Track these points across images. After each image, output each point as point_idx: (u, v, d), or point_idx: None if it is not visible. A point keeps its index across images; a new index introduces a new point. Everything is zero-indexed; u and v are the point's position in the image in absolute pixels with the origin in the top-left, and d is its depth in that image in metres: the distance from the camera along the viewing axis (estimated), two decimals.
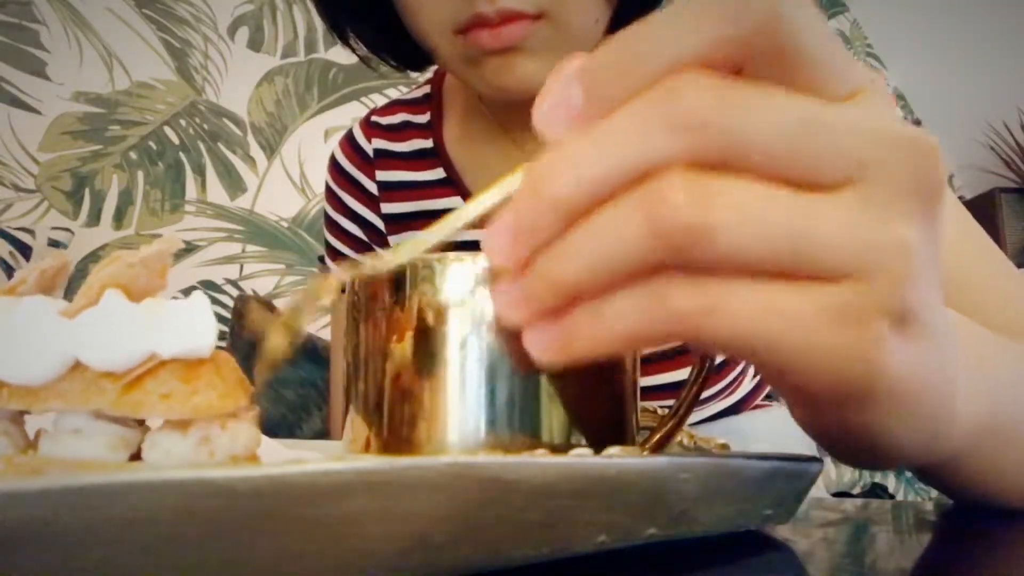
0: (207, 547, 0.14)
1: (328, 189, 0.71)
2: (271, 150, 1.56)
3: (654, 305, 0.16)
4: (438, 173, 0.64)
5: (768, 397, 0.74)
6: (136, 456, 0.20)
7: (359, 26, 0.59)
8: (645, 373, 0.58)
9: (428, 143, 0.65)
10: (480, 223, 0.20)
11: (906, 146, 0.17)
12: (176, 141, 1.51)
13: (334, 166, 0.71)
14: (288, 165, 1.57)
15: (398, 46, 0.59)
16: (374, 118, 0.70)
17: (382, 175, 0.67)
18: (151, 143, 1.49)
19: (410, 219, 0.66)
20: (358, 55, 0.62)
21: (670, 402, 0.31)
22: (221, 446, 0.19)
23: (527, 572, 0.20)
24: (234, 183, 1.53)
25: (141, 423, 0.20)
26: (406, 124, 0.68)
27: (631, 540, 0.22)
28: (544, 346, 0.18)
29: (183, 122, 1.52)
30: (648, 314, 0.16)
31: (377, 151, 0.67)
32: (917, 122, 1.94)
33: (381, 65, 0.63)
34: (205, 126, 1.53)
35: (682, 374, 0.58)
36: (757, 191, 0.16)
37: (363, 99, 1.62)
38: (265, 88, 1.57)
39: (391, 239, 0.68)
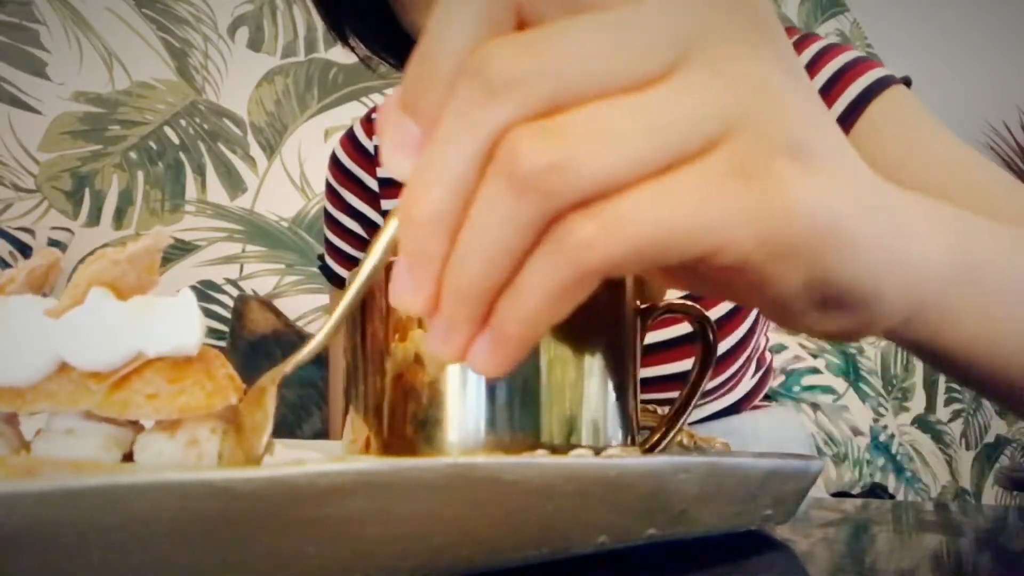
0: (207, 547, 0.14)
1: (328, 187, 0.72)
2: (271, 150, 1.56)
3: (558, 254, 0.16)
4: None
5: (767, 397, 0.74)
6: (128, 456, 0.20)
7: (358, 26, 0.59)
8: (648, 364, 0.58)
9: None
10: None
11: (719, 2, 0.17)
12: (176, 141, 1.51)
13: (335, 164, 0.71)
14: (288, 165, 1.57)
15: (398, 45, 0.59)
16: (375, 116, 0.70)
17: (383, 172, 0.68)
18: (151, 143, 1.49)
19: None
20: (358, 55, 0.62)
21: (672, 394, 0.31)
22: (209, 449, 0.19)
23: (527, 572, 0.20)
24: (234, 183, 1.53)
25: (134, 422, 0.20)
26: None
27: (631, 540, 0.22)
28: (486, 358, 0.18)
29: (183, 122, 1.52)
30: (558, 266, 0.16)
31: (378, 148, 0.68)
32: None
33: (381, 65, 0.63)
34: (205, 126, 1.53)
35: (685, 364, 0.58)
36: (598, 109, 0.16)
37: (363, 99, 1.62)
38: (265, 88, 1.57)
39: None
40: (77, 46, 1.46)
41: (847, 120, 0.55)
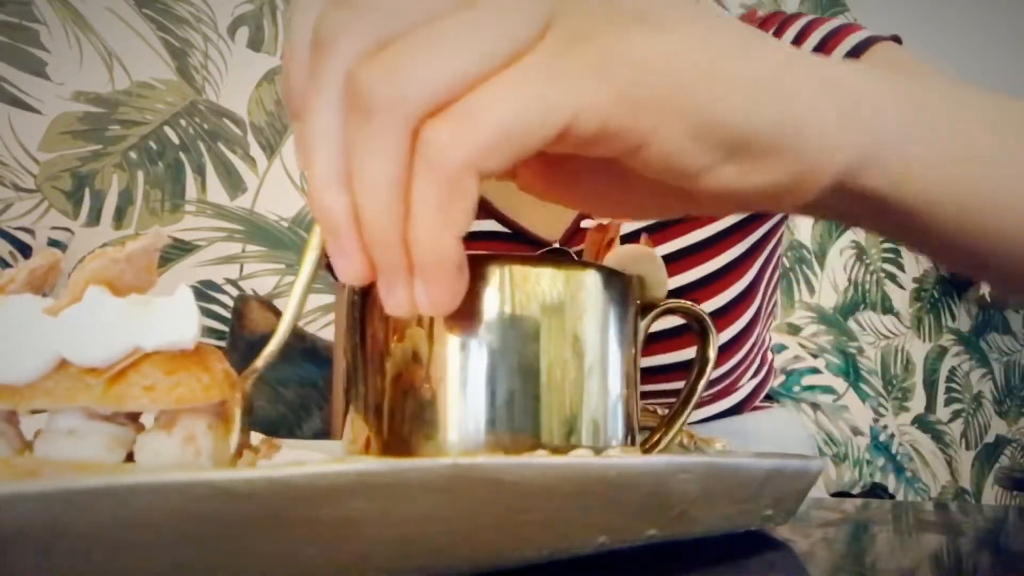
0: (207, 547, 0.14)
1: None
2: (271, 150, 1.56)
3: (427, 166, 0.17)
4: None
5: (769, 398, 0.74)
6: (131, 457, 0.20)
7: None
8: (651, 353, 0.58)
9: None
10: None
11: None
12: (176, 141, 1.51)
13: None
14: (288, 165, 1.57)
15: None
16: None
17: None
18: (151, 143, 1.49)
19: None
20: None
21: (673, 384, 0.31)
22: (206, 445, 0.19)
23: (527, 572, 0.20)
24: (234, 183, 1.53)
25: (135, 422, 0.20)
26: None
27: (631, 540, 0.22)
28: (429, 299, 0.18)
29: (183, 122, 1.52)
30: (430, 177, 0.17)
31: None
32: None
33: None
34: (205, 126, 1.53)
35: (688, 354, 0.58)
36: (424, 26, 0.16)
37: None
38: (265, 88, 1.57)
39: None
40: (77, 46, 1.46)
41: None
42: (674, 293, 0.57)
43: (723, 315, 0.60)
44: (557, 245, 0.61)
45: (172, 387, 0.19)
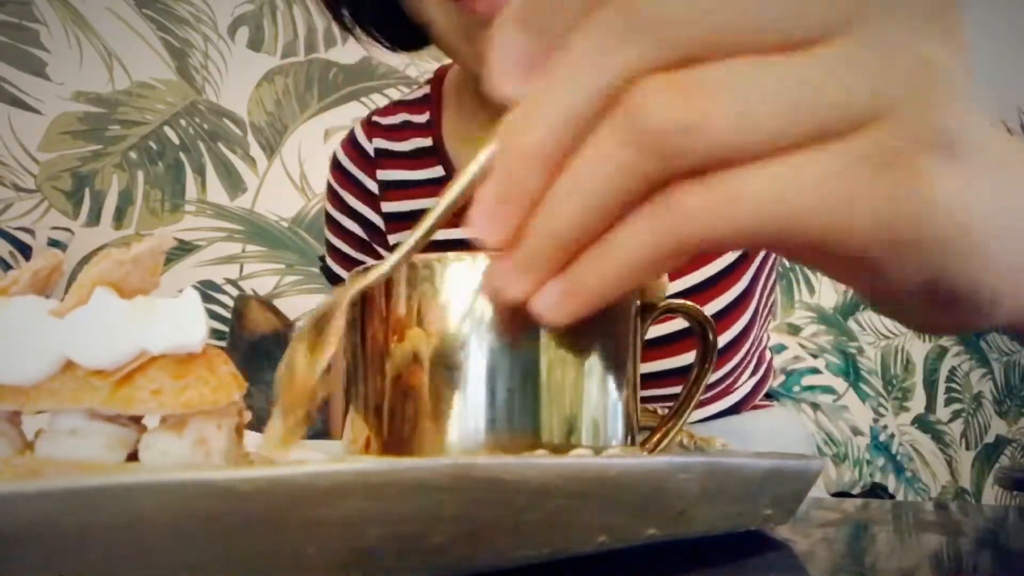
0: (207, 547, 0.14)
1: (330, 188, 0.72)
2: (271, 150, 1.56)
3: (663, 219, 0.15)
4: (437, 171, 0.64)
5: (769, 397, 0.74)
6: (133, 457, 0.20)
7: (355, 5, 0.59)
8: (649, 359, 0.58)
9: (428, 142, 0.66)
10: (461, 210, 0.19)
11: None
12: (176, 141, 1.51)
13: (336, 166, 0.71)
14: (288, 165, 1.57)
15: (394, 25, 0.59)
16: (375, 118, 0.70)
17: (383, 174, 0.68)
18: (151, 143, 1.49)
19: (411, 218, 0.66)
20: (357, 39, 0.61)
21: (673, 389, 0.31)
22: (217, 446, 0.19)
23: (527, 572, 0.20)
24: (234, 183, 1.53)
25: (137, 422, 0.20)
26: (406, 124, 0.68)
27: (631, 540, 0.22)
28: (554, 303, 0.17)
29: (183, 122, 1.52)
30: (659, 231, 0.15)
31: (378, 150, 0.68)
32: None
33: (378, 68, 0.63)
34: (205, 126, 1.53)
35: (686, 359, 0.58)
36: (740, 69, 0.15)
37: (363, 99, 1.62)
38: (265, 88, 1.57)
39: (391, 238, 0.68)
40: (77, 46, 1.46)
41: None
42: (671, 298, 0.57)
43: (721, 318, 0.60)
44: None
45: (180, 391, 0.19)
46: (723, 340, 0.61)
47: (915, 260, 0.16)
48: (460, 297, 0.26)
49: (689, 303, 0.31)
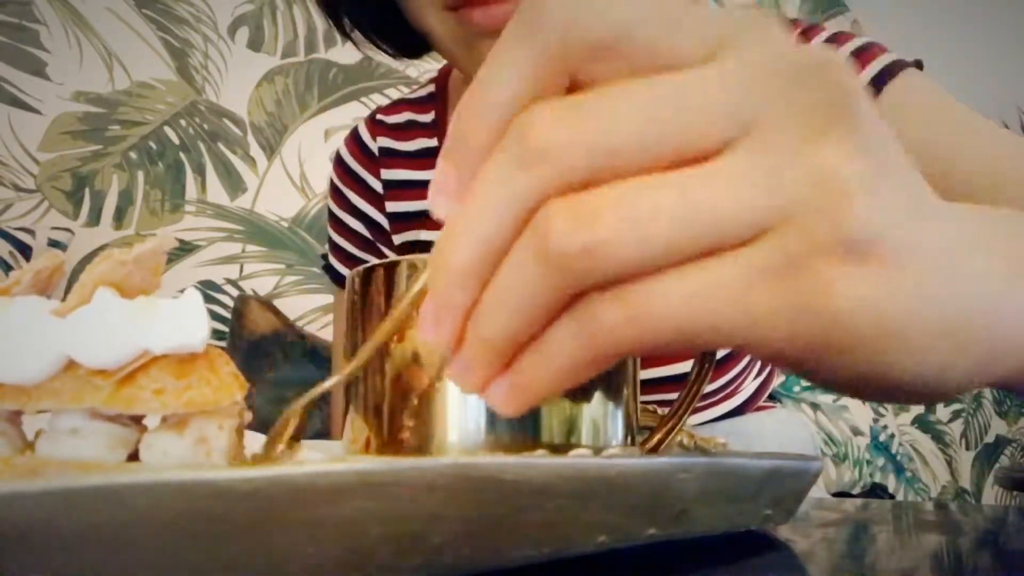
0: (207, 547, 0.14)
1: (333, 187, 0.72)
2: (271, 150, 1.56)
3: (584, 328, 0.16)
4: None
5: (772, 398, 0.74)
6: (133, 456, 0.20)
7: (355, 12, 0.59)
8: (648, 365, 0.58)
9: (433, 142, 0.66)
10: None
11: (793, 76, 0.15)
12: (176, 141, 1.51)
13: (340, 164, 0.71)
14: (288, 165, 1.57)
15: (394, 32, 0.59)
16: (379, 116, 0.70)
17: (387, 174, 0.68)
18: (151, 143, 1.49)
19: (415, 218, 0.66)
20: (357, 46, 0.62)
21: (672, 395, 0.31)
22: (218, 445, 0.19)
23: (527, 572, 0.20)
24: (234, 183, 1.53)
25: (138, 422, 0.20)
26: (411, 123, 0.68)
27: (631, 540, 0.22)
28: (503, 400, 0.18)
29: (183, 122, 1.52)
30: (583, 338, 0.16)
31: (382, 149, 0.68)
32: None
33: (378, 68, 0.64)
34: (205, 126, 1.53)
35: (684, 367, 0.58)
36: (636, 188, 0.15)
37: (363, 99, 1.62)
38: (265, 88, 1.57)
39: (395, 237, 0.68)
40: (77, 46, 1.46)
41: None
42: None
43: None
44: None
45: (182, 391, 0.19)
46: (725, 349, 0.60)
47: (835, 362, 0.16)
48: None
49: None
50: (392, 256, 0.64)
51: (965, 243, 0.18)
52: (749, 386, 0.67)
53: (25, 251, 1.28)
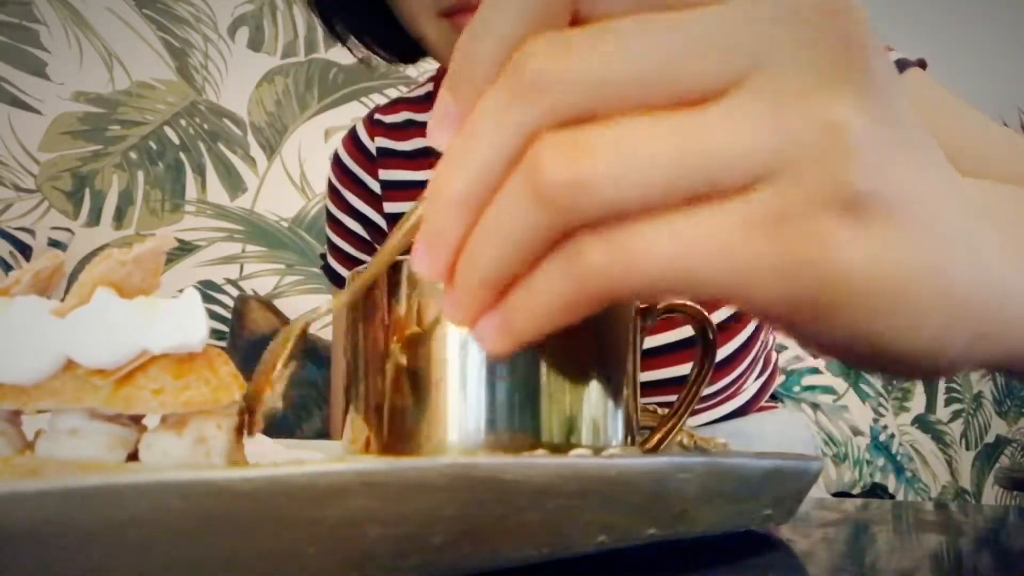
0: (207, 547, 0.14)
1: (331, 187, 0.72)
2: (271, 150, 1.56)
3: (573, 269, 0.16)
4: None
5: (773, 398, 0.74)
6: (133, 456, 0.20)
7: (349, 18, 0.59)
8: (647, 368, 0.58)
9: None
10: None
11: (806, 19, 0.15)
12: (176, 141, 1.51)
13: (337, 164, 0.71)
14: (288, 165, 1.57)
15: (388, 37, 0.59)
16: (377, 116, 0.70)
17: (385, 174, 0.67)
18: (151, 143, 1.49)
19: None
20: (351, 51, 0.62)
21: (671, 397, 0.31)
22: (218, 446, 0.19)
23: (527, 572, 0.20)
24: (234, 183, 1.53)
25: (138, 422, 0.20)
26: (409, 123, 0.68)
27: (631, 540, 0.22)
28: (491, 337, 0.18)
29: (183, 122, 1.52)
30: (570, 278, 0.16)
31: (380, 150, 0.68)
32: None
33: (378, 68, 0.64)
34: (205, 126, 1.53)
35: (683, 369, 0.58)
36: (632, 126, 0.15)
37: (363, 99, 1.62)
38: (265, 88, 1.57)
39: None
40: (77, 46, 1.46)
41: None
42: None
43: (725, 328, 0.60)
44: None
45: (180, 390, 0.19)
46: (727, 351, 0.61)
47: (825, 321, 0.16)
48: None
49: (689, 303, 0.31)
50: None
51: (972, 215, 0.17)
52: (751, 387, 0.67)
53: (25, 251, 1.28)
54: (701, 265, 0.15)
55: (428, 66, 1.46)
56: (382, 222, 0.68)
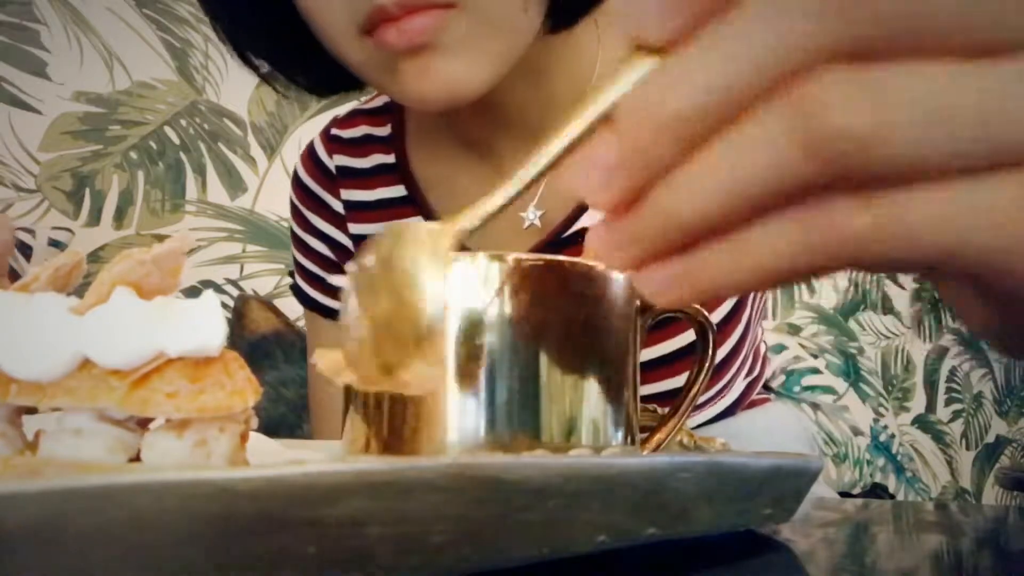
0: (207, 547, 0.14)
1: (293, 208, 0.68)
2: (271, 150, 1.56)
3: (822, 231, 0.14)
4: (399, 191, 0.61)
5: (767, 388, 0.74)
6: (136, 460, 0.20)
7: (262, 46, 0.53)
8: (643, 381, 0.57)
9: (390, 158, 0.62)
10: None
11: None
12: (176, 141, 1.51)
13: (298, 185, 0.67)
14: (288, 165, 1.57)
15: (308, 64, 0.53)
16: (334, 131, 0.66)
17: (347, 194, 0.64)
18: (151, 143, 1.49)
19: None
20: (270, 84, 0.56)
21: (662, 381, 0.31)
22: (218, 449, 0.19)
23: (527, 572, 0.20)
24: (234, 183, 1.53)
25: (143, 426, 0.20)
26: (367, 138, 0.64)
27: (631, 540, 0.22)
28: (664, 286, 0.16)
29: (183, 122, 1.52)
30: (812, 239, 0.14)
31: (340, 168, 0.64)
32: None
33: (290, 89, 0.55)
34: (205, 126, 1.53)
35: (679, 381, 0.58)
36: (929, 76, 0.13)
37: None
38: (265, 88, 1.57)
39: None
40: (77, 46, 1.46)
41: None
42: None
43: (718, 331, 0.60)
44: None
45: (196, 394, 0.18)
46: (724, 350, 0.60)
47: None
48: (460, 297, 0.26)
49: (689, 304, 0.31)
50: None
51: None
52: (739, 385, 0.67)
53: (25, 251, 1.28)
54: (968, 236, 0.13)
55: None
56: (348, 243, 0.65)
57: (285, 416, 1.20)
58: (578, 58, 0.55)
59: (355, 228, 0.64)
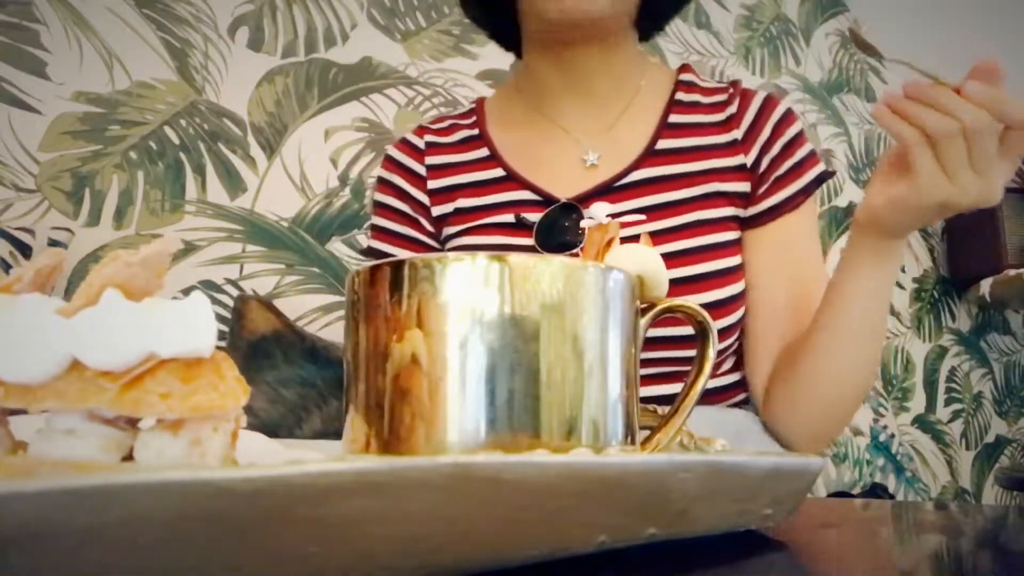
0: (207, 547, 0.14)
1: (379, 179, 0.84)
2: (271, 150, 1.56)
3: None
4: (483, 152, 0.78)
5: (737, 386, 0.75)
6: (128, 458, 0.20)
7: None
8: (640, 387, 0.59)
9: (474, 131, 0.80)
10: None
11: None
12: (176, 141, 1.51)
13: (387, 159, 0.83)
14: (288, 165, 1.57)
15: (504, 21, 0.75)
16: (424, 124, 0.84)
17: (431, 160, 0.80)
18: (151, 143, 1.49)
19: (454, 190, 0.77)
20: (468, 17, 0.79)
21: (673, 352, 0.31)
22: (213, 448, 0.19)
23: (527, 572, 0.20)
24: (234, 183, 1.53)
25: (134, 425, 0.20)
26: (454, 125, 0.82)
27: (631, 540, 0.22)
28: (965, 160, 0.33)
29: (183, 122, 1.52)
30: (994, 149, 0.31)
31: (428, 143, 0.81)
32: None
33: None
34: (205, 126, 1.53)
35: (675, 387, 0.59)
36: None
37: (363, 99, 1.62)
38: (265, 88, 1.57)
39: (434, 209, 0.78)
40: (77, 46, 1.46)
41: (779, 209, 0.70)
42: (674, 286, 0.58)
43: (723, 307, 0.61)
44: (566, 200, 0.70)
45: (188, 395, 0.18)
46: (724, 323, 0.63)
47: None
48: (460, 297, 0.26)
49: (688, 303, 0.31)
50: (425, 239, 0.78)
51: None
52: (730, 375, 0.70)
53: (25, 251, 1.28)
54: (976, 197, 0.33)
55: (428, 65, 1.45)
56: (425, 199, 0.79)
57: (285, 416, 1.20)
58: (630, 49, 0.76)
59: (434, 184, 0.79)
